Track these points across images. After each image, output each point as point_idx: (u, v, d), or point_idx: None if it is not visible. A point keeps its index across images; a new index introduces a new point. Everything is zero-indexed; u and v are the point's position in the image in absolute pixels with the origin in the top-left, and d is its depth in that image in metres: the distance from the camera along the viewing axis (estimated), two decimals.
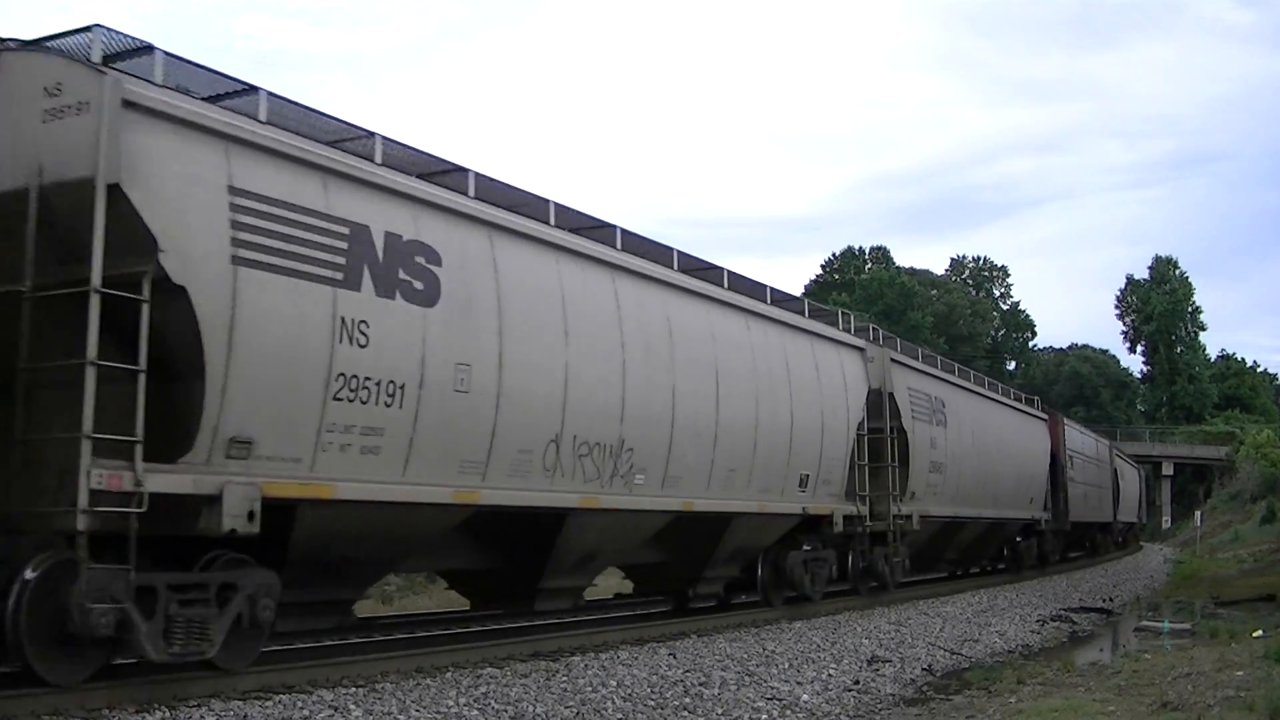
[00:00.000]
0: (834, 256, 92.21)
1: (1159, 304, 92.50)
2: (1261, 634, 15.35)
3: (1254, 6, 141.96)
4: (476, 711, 9.04)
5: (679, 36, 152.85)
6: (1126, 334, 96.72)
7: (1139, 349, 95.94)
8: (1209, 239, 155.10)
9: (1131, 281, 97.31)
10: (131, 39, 8.70)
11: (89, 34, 8.47)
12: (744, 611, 16.58)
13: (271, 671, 9.66)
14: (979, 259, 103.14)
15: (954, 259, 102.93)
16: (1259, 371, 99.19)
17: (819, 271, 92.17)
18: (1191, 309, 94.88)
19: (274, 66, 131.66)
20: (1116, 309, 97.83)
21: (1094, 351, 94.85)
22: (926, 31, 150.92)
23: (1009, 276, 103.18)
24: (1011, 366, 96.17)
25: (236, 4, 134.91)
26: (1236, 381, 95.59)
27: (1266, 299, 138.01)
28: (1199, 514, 53.13)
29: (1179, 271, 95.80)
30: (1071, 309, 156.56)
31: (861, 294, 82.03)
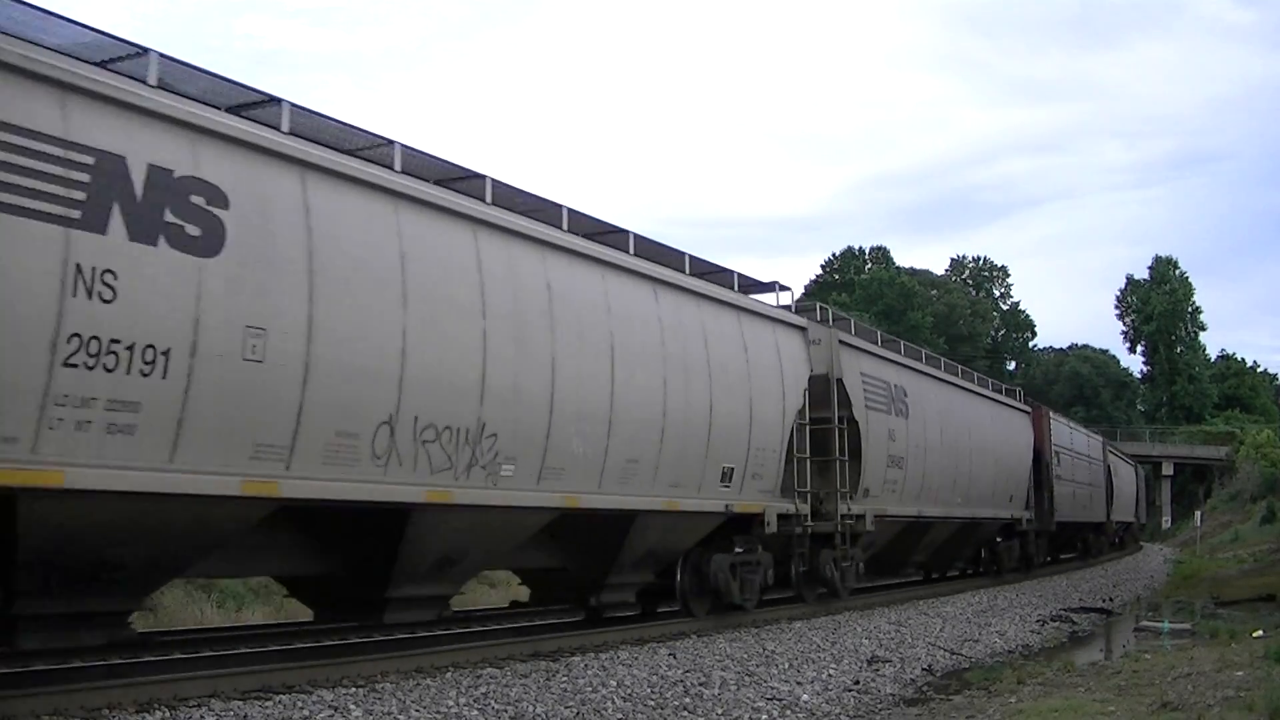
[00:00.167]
0: (834, 256, 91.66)
1: (1159, 304, 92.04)
2: (1261, 634, 15.22)
3: (1254, 6, 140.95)
4: (476, 711, 8.98)
5: (679, 37, 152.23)
6: (1126, 334, 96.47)
7: (1139, 349, 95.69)
8: (1209, 239, 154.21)
9: (1131, 281, 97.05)
10: None
11: None
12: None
13: (272, 671, 9.38)
14: (979, 259, 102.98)
15: (954, 259, 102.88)
16: (1259, 371, 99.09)
17: (819, 271, 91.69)
18: (1191, 309, 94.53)
19: (274, 66, 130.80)
20: (1116, 309, 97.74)
21: (1094, 351, 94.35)
22: (926, 31, 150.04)
23: (1009, 276, 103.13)
24: (1011, 366, 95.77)
25: (236, 4, 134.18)
26: (1236, 381, 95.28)
27: (1266, 299, 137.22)
28: (1199, 514, 52.72)
29: (1179, 271, 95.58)
30: (1071, 309, 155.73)
31: (861, 294, 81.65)
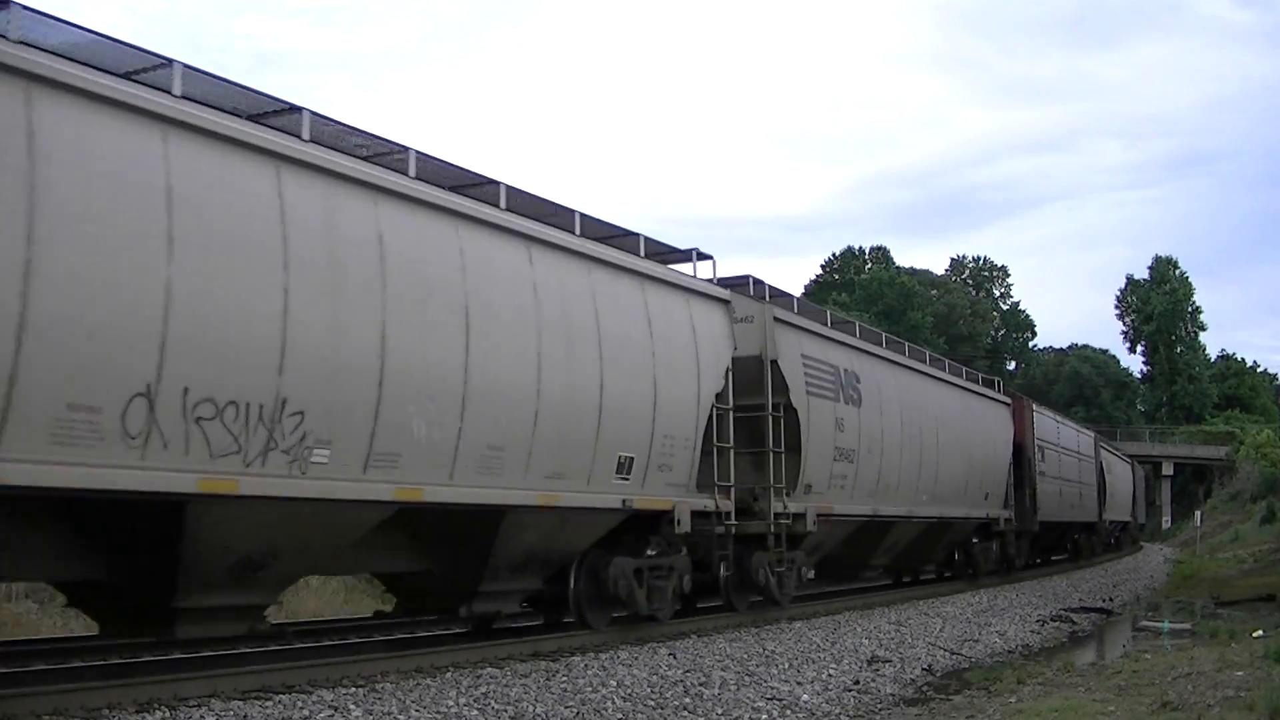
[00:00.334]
0: (834, 257, 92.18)
1: (1159, 304, 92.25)
2: (1261, 634, 15.26)
3: (1254, 6, 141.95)
4: (476, 711, 8.97)
5: (679, 37, 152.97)
6: (1126, 334, 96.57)
7: (1139, 349, 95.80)
8: (1209, 239, 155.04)
9: (1131, 281, 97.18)
10: None
11: None
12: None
13: (271, 671, 9.36)
14: (979, 259, 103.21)
15: (954, 259, 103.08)
16: (1259, 371, 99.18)
17: (819, 271, 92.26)
18: (1191, 309, 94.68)
19: (274, 67, 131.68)
20: (1116, 309, 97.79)
21: (1094, 351, 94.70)
22: (925, 32, 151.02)
23: (1009, 276, 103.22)
24: (1012, 366, 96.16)
25: (236, 4, 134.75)
26: (1236, 381, 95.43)
27: (1266, 299, 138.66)
28: (1199, 514, 52.81)
29: (1179, 271, 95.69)
30: (1071, 309, 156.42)
31: (861, 294, 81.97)
